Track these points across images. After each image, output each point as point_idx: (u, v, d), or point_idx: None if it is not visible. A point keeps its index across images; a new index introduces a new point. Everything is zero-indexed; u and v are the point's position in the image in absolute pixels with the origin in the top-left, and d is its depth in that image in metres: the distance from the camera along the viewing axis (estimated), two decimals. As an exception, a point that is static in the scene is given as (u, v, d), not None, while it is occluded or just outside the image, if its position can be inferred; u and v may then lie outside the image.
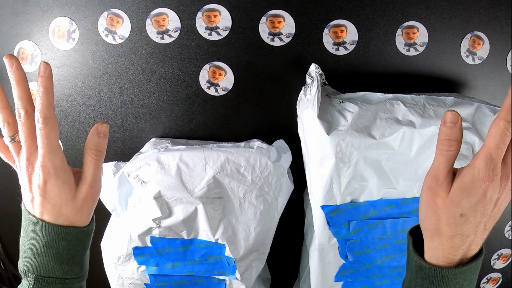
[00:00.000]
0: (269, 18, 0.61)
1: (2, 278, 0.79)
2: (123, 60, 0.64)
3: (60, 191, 0.39)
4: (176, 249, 0.57)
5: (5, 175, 0.72)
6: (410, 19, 0.62)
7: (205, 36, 0.62)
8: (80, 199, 0.41)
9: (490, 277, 0.79)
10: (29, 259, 0.40)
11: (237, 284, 0.58)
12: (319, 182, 0.54)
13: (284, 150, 0.61)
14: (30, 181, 0.39)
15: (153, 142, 0.64)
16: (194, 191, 0.55)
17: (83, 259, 0.44)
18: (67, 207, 0.40)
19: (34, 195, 0.40)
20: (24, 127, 0.39)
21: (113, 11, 0.62)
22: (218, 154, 0.57)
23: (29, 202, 0.40)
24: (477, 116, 0.55)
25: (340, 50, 0.63)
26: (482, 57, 0.64)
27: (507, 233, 0.75)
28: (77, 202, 0.41)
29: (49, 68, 0.39)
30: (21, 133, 0.39)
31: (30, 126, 0.39)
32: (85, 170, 0.42)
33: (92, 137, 0.41)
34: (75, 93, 0.66)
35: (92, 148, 0.41)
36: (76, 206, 0.41)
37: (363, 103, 0.55)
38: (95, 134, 0.41)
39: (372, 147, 0.52)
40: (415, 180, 0.53)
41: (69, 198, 0.40)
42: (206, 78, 0.64)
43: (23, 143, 0.39)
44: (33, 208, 0.40)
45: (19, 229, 0.41)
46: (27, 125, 0.39)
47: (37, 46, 0.64)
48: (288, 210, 0.61)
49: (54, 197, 0.39)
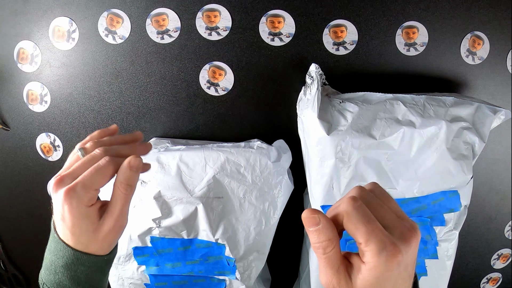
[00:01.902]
0: (269, 18, 0.61)
1: (2, 278, 0.79)
2: (123, 60, 0.64)
3: (80, 222, 0.37)
4: (176, 249, 0.57)
5: (5, 175, 0.72)
6: (410, 19, 0.62)
7: (205, 36, 0.62)
8: (103, 232, 0.39)
9: (490, 277, 0.79)
10: (48, 273, 0.40)
11: (237, 284, 0.58)
12: (319, 182, 0.54)
13: (284, 150, 0.61)
14: (55, 200, 0.38)
15: (153, 142, 0.64)
16: (194, 191, 0.55)
17: (101, 284, 0.42)
18: (87, 237, 0.38)
19: (56, 216, 0.38)
20: (86, 162, 0.38)
21: (113, 11, 0.62)
22: (218, 154, 0.57)
23: (56, 219, 0.39)
24: (477, 116, 0.55)
25: (340, 50, 0.63)
26: (482, 57, 0.64)
27: (507, 233, 0.75)
28: (100, 234, 0.39)
29: (138, 161, 0.38)
30: (80, 162, 0.38)
31: (89, 163, 0.38)
32: (112, 203, 0.39)
33: (124, 171, 0.38)
34: (75, 93, 0.66)
35: (122, 182, 0.38)
36: (98, 237, 0.39)
37: (363, 103, 0.55)
38: (128, 167, 0.38)
39: (372, 147, 0.52)
40: (415, 180, 0.53)
41: (90, 230, 0.38)
42: (206, 78, 0.64)
43: (73, 166, 0.38)
44: (56, 227, 0.39)
45: (19, 229, 0.42)
46: (88, 162, 0.38)
47: (37, 46, 0.64)
48: (288, 210, 0.61)
49: (72, 226, 0.37)
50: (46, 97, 0.67)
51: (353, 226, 0.29)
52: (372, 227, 0.28)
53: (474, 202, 0.69)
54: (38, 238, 0.75)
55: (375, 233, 0.28)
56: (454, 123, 0.53)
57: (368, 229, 0.28)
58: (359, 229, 0.28)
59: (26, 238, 0.75)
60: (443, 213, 0.55)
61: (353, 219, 0.29)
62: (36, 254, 0.78)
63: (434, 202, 0.55)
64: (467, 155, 0.54)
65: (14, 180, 0.72)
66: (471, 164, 0.54)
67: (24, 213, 0.74)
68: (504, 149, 0.69)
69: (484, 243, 0.75)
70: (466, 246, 0.75)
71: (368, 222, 0.28)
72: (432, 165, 0.53)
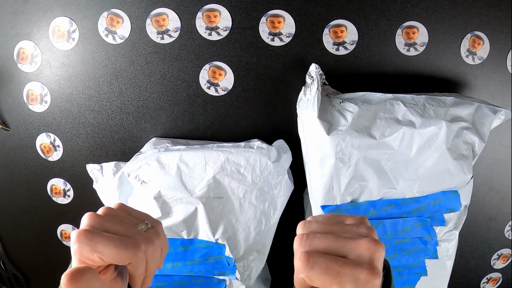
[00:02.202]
0: (269, 18, 0.61)
1: (2, 278, 0.79)
2: (123, 60, 0.64)
3: None
4: (176, 249, 0.57)
5: (5, 175, 0.72)
6: (410, 19, 0.62)
7: (205, 36, 0.62)
8: None
9: (490, 277, 0.79)
10: None
11: (237, 284, 0.58)
12: (319, 182, 0.54)
13: (284, 150, 0.61)
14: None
15: (153, 142, 0.64)
16: (194, 191, 0.55)
17: None
18: None
19: None
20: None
21: (113, 11, 0.62)
22: (218, 154, 0.57)
23: None
24: (477, 116, 0.55)
25: (340, 50, 0.63)
26: (482, 57, 0.64)
27: (507, 233, 0.75)
28: None
29: None
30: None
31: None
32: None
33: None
34: (75, 93, 0.66)
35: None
36: None
37: (363, 103, 0.55)
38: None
39: (372, 147, 0.52)
40: (415, 180, 0.53)
41: None
42: (206, 78, 0.64)
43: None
44: None
45: (19, 229, 0.41)
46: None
47: (37, 46, 0.64)
48: (288, 210, 0.61)
49: None
50: (46, 97, 0.67)
51: (320, 284, 0.28)
52: (336, 271, 0.27)
53: (474, 202, 0.69)
54: (38, 238, 0.75)
55: (341, 274, 0.27)
56: (454, 123, 0.53)
57: (333, 274, 0.27)
58: (326, 281, 0.28)
59: (26, 238, 0.75)
60: (443, 213, 0.55)
61: (313, 277, 0.28)
62: (36, 254, 0.78)
63: (434, 202, 0.55)
64: (467, 155, 0.54)
65: (14, 180, 0.72)
66: (471, 164, 0.54)
67: (24, 213, 0.74)
68: (504, 149, 0.69)
69: (484, 243, 0.75)
70: (466, 246, 0.75)
71: (328, 268, 0.28)
72: (432, 165, 0.53)
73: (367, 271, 0.27)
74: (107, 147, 0.69)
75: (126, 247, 0.31)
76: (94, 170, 0.64)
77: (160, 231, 0.37)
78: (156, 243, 0.35)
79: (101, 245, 0.31)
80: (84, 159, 0.70)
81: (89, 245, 0.31)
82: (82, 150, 0.69)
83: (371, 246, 0.28)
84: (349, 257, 0.29)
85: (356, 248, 0.29)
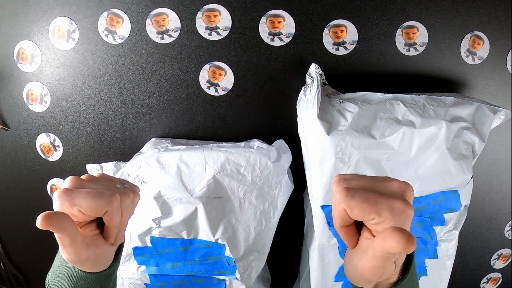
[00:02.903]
0: (269, 18, 0.61)
1: (2, 278, 0.79)
2: (123, 60, 0.64)
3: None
4: (176, 249, 0.57)
5: (5, 175, 0.72)
6: (410, 19, 0.62)
7: (205, 36, 0.62)
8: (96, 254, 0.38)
9: (490, 277, 0.79)
10: (53, 276, 0.39)
11: (237, 284, 0.58)
12: (319, 182, 0.54)
13: (284, 150, 0.61)
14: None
15: (153, 142, 0.64)
16: (194, 191, 0.55)
17: None
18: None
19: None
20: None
21: (113, 11, 0.62)
22: (218, 154, 0.57)
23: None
24: (477, 116, 0.55)
25: (340, 50, 0.63)
26: (482, 57, 0.64)
27: (507, 233, 0.75)
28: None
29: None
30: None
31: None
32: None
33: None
34: (75, 93, 0.66)
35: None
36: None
37: (363, 103, 0.55)
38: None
39: (372, 147, 0.52)
40: (415, 180, 0.53)
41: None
42: (206, 78, 0.64)
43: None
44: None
45: (19, 229, 0.41)
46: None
47: (37, 46, 0.64)
48: (288, 210, 0.61)
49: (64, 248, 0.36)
50: (46, 97, 0.67)
51: (359, 213, 0.31)
52: (373, 200, 0.31)
53: (474, 202, 0.69)
54: (38, 238, 0.75)
55: (379, 202, 0.31)
56: (454, 123, 0.53)
57: (371, 203, 0.31)
58: (365, 209, 0.31)
59: (26, 238, 0.75)
60: (443, 213, 0.55)
61: (354, 205, 0.31)
62: (36, 254, 0.78)
63: (434, 202, 0.55)
64: (467, 155, 0.54)
65: (14, 180, 0.72)
66: (471, 164, 0.54)
67: (24, 213, 0.74)
68: (504, 149, 0.69)
69: (484, 243, 0.75)
70: (466, 246, 0.75)
71: (367, 198, 0.31)
72: (432, 165, 0.53)
73: (402, 201, 0.31)
74: (107, 147, 0.69)
75: (102, 197, 0.35)
76: (94, 170, 0.64)
77: (136, 189, 0.41)
78: (131, 196, 0.38)
79: (79, 198, 0.34)
80: (84, 159, 0.70)
81: (69, 200, 0.34)
82: (82, 150, 0.69)
83: (402, 185, 0.32)
84: (384, 193, 0.32)
85: (389, 187, 0.33)
